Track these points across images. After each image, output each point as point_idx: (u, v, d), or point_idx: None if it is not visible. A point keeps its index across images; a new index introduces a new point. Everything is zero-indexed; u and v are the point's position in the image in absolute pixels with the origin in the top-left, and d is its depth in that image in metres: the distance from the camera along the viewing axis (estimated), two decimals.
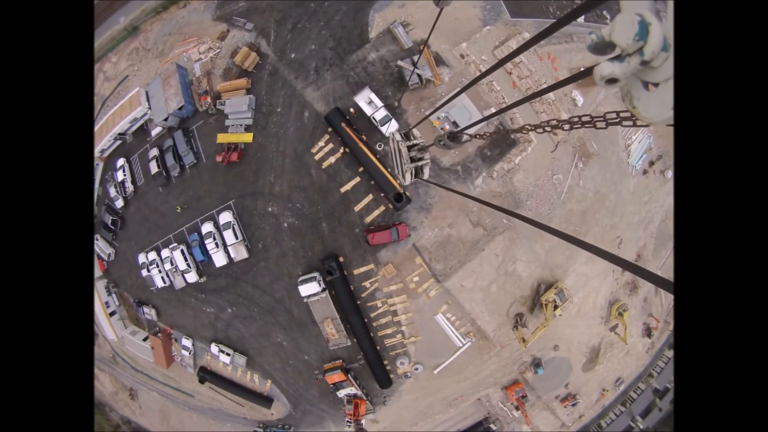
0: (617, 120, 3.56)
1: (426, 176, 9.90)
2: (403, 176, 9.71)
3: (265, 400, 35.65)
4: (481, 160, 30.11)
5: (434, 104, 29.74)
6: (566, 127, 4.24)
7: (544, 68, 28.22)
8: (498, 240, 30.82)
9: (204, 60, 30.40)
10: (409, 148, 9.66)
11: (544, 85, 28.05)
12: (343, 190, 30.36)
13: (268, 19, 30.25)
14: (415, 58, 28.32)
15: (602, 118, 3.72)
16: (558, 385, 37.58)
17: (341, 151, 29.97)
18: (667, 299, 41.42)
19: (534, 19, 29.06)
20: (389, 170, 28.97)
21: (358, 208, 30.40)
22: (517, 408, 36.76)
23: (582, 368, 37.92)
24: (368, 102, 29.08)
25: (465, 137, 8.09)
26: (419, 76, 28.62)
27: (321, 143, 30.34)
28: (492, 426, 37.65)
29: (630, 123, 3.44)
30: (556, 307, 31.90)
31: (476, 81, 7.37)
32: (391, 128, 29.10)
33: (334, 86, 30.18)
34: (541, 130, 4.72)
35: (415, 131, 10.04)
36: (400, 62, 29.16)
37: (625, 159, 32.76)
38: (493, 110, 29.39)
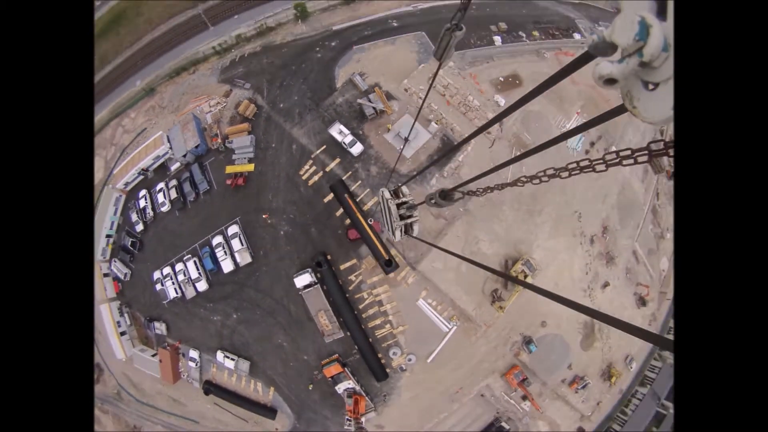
0: (617, 160, 3.47)
1: (415, 233, 10.02)
2: (393, 233, 9.92)
3: (269, 411, 36.88)
4: (433, 165, 37.07)
5: (387, 129, 37.83)
6: (564, 174, 4.10)
7: (468, 84, 37.09)
8: (457, 225, 36.01)
9: (214, 111, 40.11)
10: (399, 206, 9.84)
11: (470, 97, 36.36)
12: (326, 200, 37.17)
13: (261, 79, 40.89)
14: (371, 95, 37.69)
15: (602, 161, 3.66)
16: (559, 366, 37.26)
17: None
18: (655, 269, 41.79)
19: (458, 51, 38.83)
20: (382, 227, 32.26)
21: (338, 213, 36.76)
22: (524, 397, 36.26)
23: (581, 346, 38.04)
24: (339, 132, 37.88)
25: (457, 195, 7.93)
26: (374, 109, 37.67)
27: (306, 167, 38.27)
28: (504, 425, 36.67)
29: (631, 161, 3.35)
30: (526, 277, 34.81)
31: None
32: (356, 150, 36.93)
33: (313, 125, 39.43)
34: (537, 180, 4.49)
35: (404, 189, 10.16)
36: (360, 101, 38.59)
37: (563, 144, 36.75)
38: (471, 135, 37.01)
